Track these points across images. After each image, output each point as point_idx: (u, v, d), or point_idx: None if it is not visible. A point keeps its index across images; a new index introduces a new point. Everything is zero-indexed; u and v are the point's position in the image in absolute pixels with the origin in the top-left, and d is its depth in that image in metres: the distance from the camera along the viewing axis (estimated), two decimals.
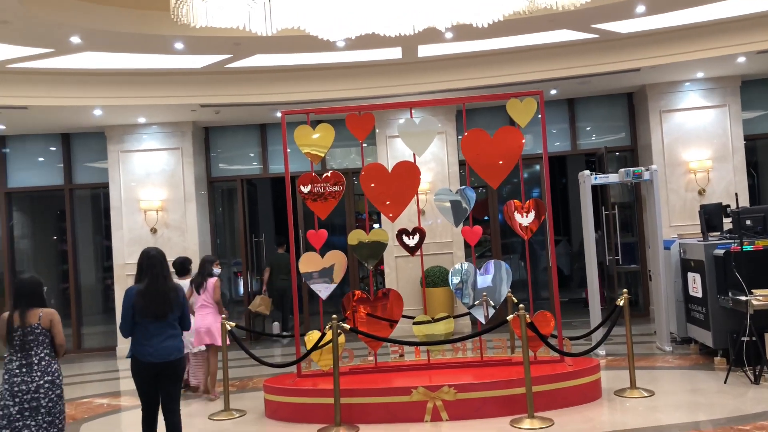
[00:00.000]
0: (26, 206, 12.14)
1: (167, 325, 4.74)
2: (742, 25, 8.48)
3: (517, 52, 9.17)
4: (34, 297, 4.68)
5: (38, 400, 4.46)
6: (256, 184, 13.49)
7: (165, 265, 4.85)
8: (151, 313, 4.67)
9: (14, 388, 4.45)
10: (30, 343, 4.52)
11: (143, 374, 4.74)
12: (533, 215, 6.56)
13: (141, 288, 4.72)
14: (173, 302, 4.75)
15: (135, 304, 4.69)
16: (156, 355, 4.68)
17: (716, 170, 10.09)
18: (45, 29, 6.85)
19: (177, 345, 4.79)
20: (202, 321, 7.05)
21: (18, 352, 4.51)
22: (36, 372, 4.49)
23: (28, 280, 4.80)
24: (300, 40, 7.68)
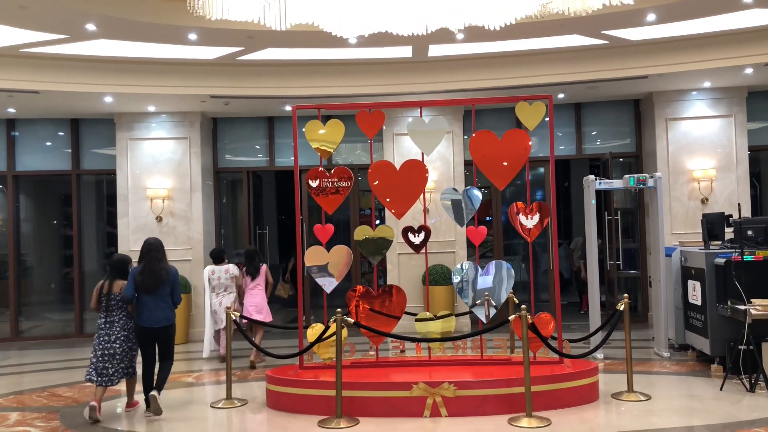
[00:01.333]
0: (31, 190, 12.22)
1: (159, 298, 6.04)
2: (751, 36, 8.55)
3: (527, 55, 9.24)
4: (120, 272, 6.19)
5: (114, 348, 6.02)
6: (262, 176, 13.57)
7: (161, 251, 6.23)
8: (146, 288, 6.00)
9: (100, 338, 6.05)
10: (113, 307, 6.06)
11: (141, 336, 6.09)
12: (537, 218, 6.64)
13: (139, 268, 6.08)
14: (165, 280, 6.07)
15: (135, 280, 6.00)
16: (149, 322, 6.03)
17: (720, 180, 10.17)
18: (62, 16, 6.91)
19: (167, 315, 6.10)
20: (252, 300, 8.51)
21: (105, 311, 6.07)
22: (115, 328, 6.05)
23: (117, 258, 6.41)
24: (312, 36, 7.74)
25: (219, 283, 8.78)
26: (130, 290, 6.00)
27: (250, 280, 8.65)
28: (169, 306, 6.12)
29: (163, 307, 6.06)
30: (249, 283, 8.65)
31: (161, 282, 6.04)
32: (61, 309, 12.32)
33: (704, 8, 7.35)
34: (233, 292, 8.77)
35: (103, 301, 6.07)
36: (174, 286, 6.14)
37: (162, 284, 6.04)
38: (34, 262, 12.44)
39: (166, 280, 6.07)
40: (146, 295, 6.00)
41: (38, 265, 12.55)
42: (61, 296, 12.59)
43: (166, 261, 6.21)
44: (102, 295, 6.09)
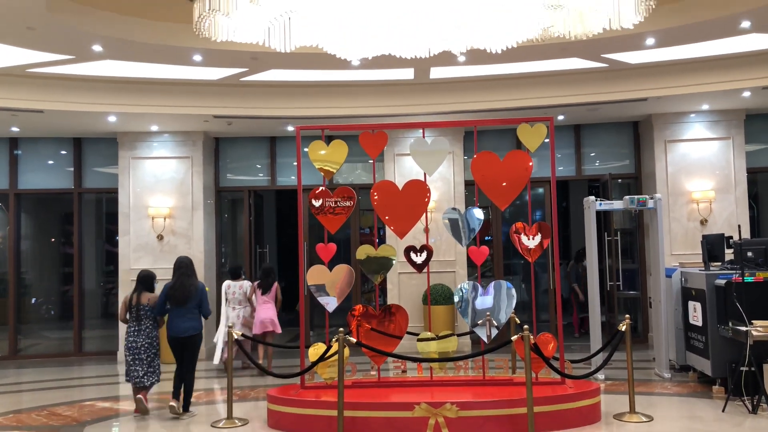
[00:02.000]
0: (31, 208, 12.25)
1: (187, 311, 6.78)
2: (749, 60, 8.67)
3: (528, 78, 9.35)
4: (146, 285, 6.98)
5: (140, 354, 6.79)
6: (263, 195, 13.62)
7: (191, 268, 7.00)
8: (176, 301, 6.77)
9: (129, 345, 6.83)
10: (141, 316, 6.83)
11: (171, 344, 6.80)
12: (539, 238, 6.68)
13: (171, 283, 6.87)
14: (193, 294, 6.81)
15: (167, 294, 6.81)
16: (177, 331, 6.75)
17: (718, 201, 10.23)
18: (69, 37, 7.00)
19: (193, 325, 6.80)
20: (265, 313, 9.16)
21: (135, 321, 6.83)
22: (141, 336, 6.82)
23: (144, 274, 7.11)
24: (315, 58, 7.83)
25: (234, 298, 9.40)
26: (162, 303, 6.81)
27: (261, 294, 9.31)
28: (196, 317, 6.86)
29: (191, 318, 6.81)
30: (260, 297, 9.29)
31: (190, 296, 6.79)
32: (60, 327, 12.30)
33: (702, 33, 7.46)
34: (247, 306, 9.40)
35: (133, 311, 6.85)
36: (201, 299, 6.88)
37: (190, 298, 6.80)
38: (33, 280, 12.44)
39: (194, 294, 6.82)
40: (176, 307, 6.79)
41: (37, 283, 12.54)
42: (60, 314, 12.57)
43: (195, 277, 6.97)
44: (131, 306, 6.87)
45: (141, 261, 10.77)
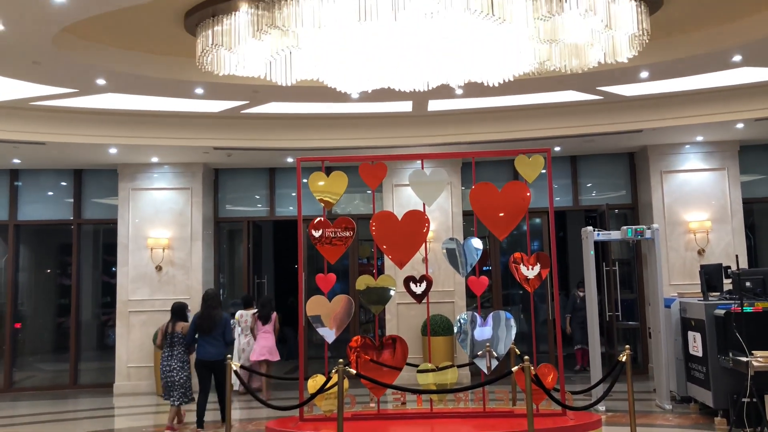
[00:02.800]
0: (30, 239, 12.26)
1: (213, 338, 7.55)
2: (741, 93, 8.80)
3: (524, 110, 9.47)
4: (180, 315, 7.84)
5: (173, 376, 7.61)
6: (261, 226, 13.66)
7: (217, 300, 7.85)
8: (203, 330, 7.55)
9: (163, 368, 7.67)
10: (174, 342, 7.67)
11: (199, 368, 7.50)
12: (538, 268, 6.70)
13: (199, 314, 7.69)
14: (218, 323, 7.59)
15: (196, 323, 7.61)
16: (206, 356, 7.53)
17: (715, 231, 10.29)
18: (73, 71, 7.11)
19: (219, 350, 7.56)
20: (265, 342, 9.48)
21: (168, 347, 7.68)
22: (174, 359, 7.64)
23: (178, 305, 8.00)
24: (315, 91, 7.95)
25: (246, 326, 9.93)
26: (192, 331, 7.59)
27: (261, 325, 9.68)
28: (221, 344, 7.63)
29: (216, 344, 7.59)
30: (261, 327, 9.66)
31: (216, 325, 7.57)
32: (55, 359, 12.21)
33: (695, 66, 7.60)
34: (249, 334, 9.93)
35: (167, 338, 7.68)
36: (225, 328, 7.67)
37: (216, 326, 7.58)
38: (29, 312, 12.37)
39: (219, 324, 7.60)
40: (204, 335, 7.55)
41: (33, 315, 12.47)
42: (55, 346, 12.48)
43: (220, 309, 7.81)
44: (166, 333, 7.71)
45: (139, 292, 10.77)
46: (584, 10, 5.31)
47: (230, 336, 7.83)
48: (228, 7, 5.77)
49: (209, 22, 5.99)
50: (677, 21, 6.75)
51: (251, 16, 5.70)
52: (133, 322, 10.74)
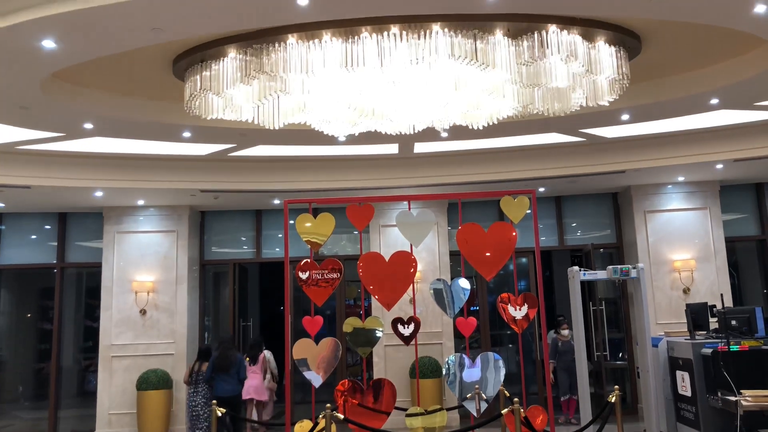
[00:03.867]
0: (11, 283, 12.09)
1: (229, 376, 8.48)
2: (719, 134, 9.01)
3: (509, 152, 9.60)
4: (206, 356, 8.70)
5: (198, 412, 8.48)
6: (247, 268, 13.58)
7: (231, 343, 8.93)
8: (221, 368, 8.47)
9: (189, 404, 8.62)
10: (199, 380, 8.54)
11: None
12: (526, 309, 6.71)
13: (216, 354, 8.57)
14: (233, 363, 8.53)
15: (214, 363, 8.49)
16: (223, 392, 8.35)
17: (700, 270, 10.39)
18: (61, 116, 7.13)
19: (234, 387, 8.54)
20: (250, 381, 9.41)
21: (194, 385, 8.56)
22: (199, 396, 8.53)
23: (205, 347, 8.98)
24: (302, 134, 8.03)
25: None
26: (210, 370, 8.48)
27: (250, 365, 9.58)
28: (236, 381, 8.54)
29: (232, 382, 8.50)
30: (249, 367, 9.56)
31: (231, 364, 8.49)
32: (34, 407, 11.91)
33: (674, 109, 7.78)
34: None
35: (193, 377, 8.54)
36: (240, 367, 8.59)
37: (231, 366, 8.49)
38: (7, 357, 12.11)
39: (234, 363, 8.53)
40: (221, 374, 8.44)
41: (12, 360, 12.21)
42: (34, 393, 12.19)
43: (235, 350, 8.75)
44: (192, 372, 8.57)
45: (122, 336, 10.60)
46: (565, 55, 5.46)
47: (243, 374, 8.66)
48: (217, 52, 5.87)
49: (198, 67, 6.08)
50: (656, 65, 6.95)
51: (239, 62, 5.80)
52: (116, 367, 10.54)
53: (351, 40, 5.39)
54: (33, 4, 4.83)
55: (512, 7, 5.10)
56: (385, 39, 5.36)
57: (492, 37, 5.44)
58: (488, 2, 4.93)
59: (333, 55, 5.38)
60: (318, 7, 4.93)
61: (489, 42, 5.43)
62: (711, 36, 6.19)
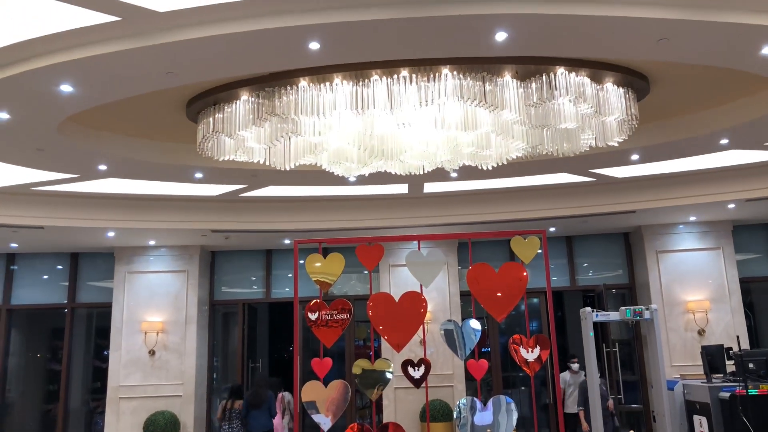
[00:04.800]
0: (22, 323, 12.09)
1: (261, 412, 8.83)
2: (731, 174, 8.98)
3: (518, 191, 9.62)
4: (238, 394, 9.02)
5: None
6: (257, 308, 13.54)
7: (265, 381, 9.12)
8: (254, 405, 8.80)
9: None
10: (233, 417, 8.82)
11: None
12: (538, 351, 6.61)
13: (250, 392, 8.92)
14: (265, 400, 8.85)
15: (248, 401, 8.83)
16: (256, 428, 8.74)
17: (714, 311, 10.24)
18: (76, 158, 7.24)
19: (266, 422, 8.83)
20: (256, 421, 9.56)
21: (227, 420, 8.81)
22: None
23: (237, 386, 9.29)
24: (313, 174, 8.09)
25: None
26: (245, 407, 8.83)
27: None
28: (268, 417, 8.87)
29: (264, 418, 8.84)
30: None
31: (263, 401, 8.86)
32: None
33: (684, 149, 7.79)
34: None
35: (226, 414, 8.83)
36: (270, 404, 8.91)
37: (264, 402, 8.85)
38: (15, 399, 12.03)
39: (266, 401, 8.89)
40: (253, 410, 8.81)
41: (20, 402, 12.12)
42: None
43: (266, 388, 9.00)
44: (226, 409, 8.85)
45: (131, 377, 10.54)
46: (574, 97, 5.51)
47: (274, 411, 9.05)
48: (229, 95, 5.97)
49: (210, 110, 6.18)
50: (665, 105, 6.98)
51: (252, 104, 5.90)
52: (123, 408, 10.44)
53: (361, 82, 5.48)
54: (52, 50, 4.96)
55: (520, 50, 5.17)
56: (395, 82, 5.44)
57: (500, 79, 5.51)
58: (496, 46, 5.01)
59: (344, 97, 5.45)
60: (329, 51, 5.03)
61: (497, 84, 5.50)
62: (719, 77, 6.24)
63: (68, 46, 4.90)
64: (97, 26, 4.67)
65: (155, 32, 4.74)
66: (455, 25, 4.67)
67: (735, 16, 4.74)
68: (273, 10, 4.60)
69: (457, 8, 4.52)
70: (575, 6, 4.60)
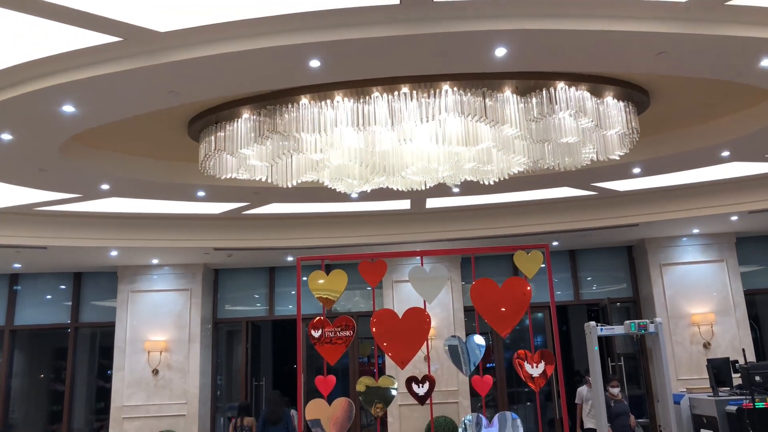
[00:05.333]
0: (25, 344, 12.07)
1: (278, 429, 8.68)
2: (733, 186, 8.98)
3: (521, 206, 9.61)
4: (247, 411, 9.22)
5: None
6: (260, 326, 13.49)
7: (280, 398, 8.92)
8: (271, 422, 8.66)
9: None
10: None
11: None
12: (543, 366, 6.57)
13: (266, 410, 8.75)
14: (281, 418, 8.73)
15: (264, 417, 8.67)
16: None
17: (720, 323, 10.18)
18: (78, 177, 7.26)
19: None
20: None
21: None
22: None
23: (245, 404, 9.43)
24: (315, 191, 8.10)
25: None
26: (261, 425, 8.70)
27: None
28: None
29: None
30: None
31: (280, 419, 8.78)
32: None
33: (685, 162, 7.79)
34: None
35: (237, 430, 8.97)
36: (288, 421, 8.86)
37: (281, 420, 8.77)
38: (19, 420, 11.96)
39: (283, 418, 8.81)
40: (271, 427, 8.73)
41: (23, 423, 12.05)
42: None
43: (282, 405, 8.93)
44: (236, 427, 8.98)
45: (135, 397, 10.49)
46: (574, 111, 5.53)
47: (293, 428, 9.13)
48: (231, 114, 6.00)
49: (212, 128, 6.20)
50: (665, 119, 7.00)
51: (253, 122, 5.92)
52: (127, 429, 10.38)
53: (362, 99, 5.51)
54: (54, 70, 4.99)
55: (520, 65, 5.19)
56: (395, 98, 5.47)
57: (501, 94, 5.53)
58: (496, 61, 5.03)
59: (345, 114, 5.48)
60: (329, 69, 5.05)
61: (498, 99, 5.51)
62: (719, 89, 6.25)
63: (70, 66, 4.93)
64: (99, 47, 4.71)
65: (157, 52, 4.77)
66: (455, 42, 4.70)
67: (733, 29, 4.76)
68: (273, 29, 4.63)
69: (457, 25, 4.55)
70: (574, 21, 4.62)
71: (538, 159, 6.23)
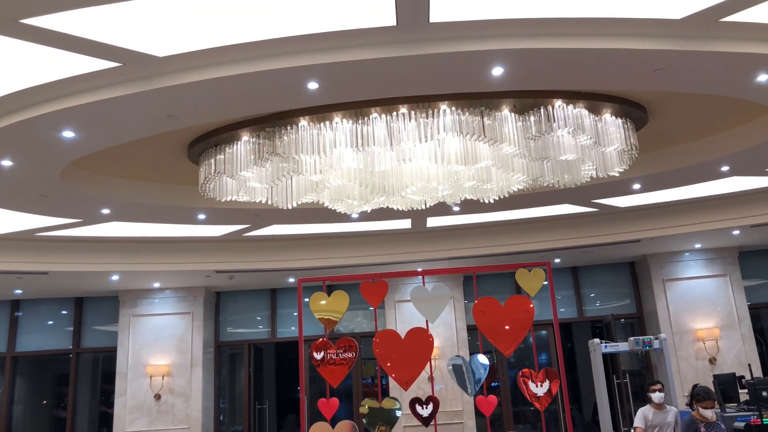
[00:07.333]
0: (27, 370, 11.99)
1: None
2: (734, 200, 8.97)
3: (521, 224, 9.61)
4: None
5: None
6: (263, 348, 13.42)
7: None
8: None
9: None
10: None
11: None
12: (547, 384, 6.50)
13: None
14: None
15: None
16: None
17: (725, 338, 10.11)
18: (79, 202, 7.27)
19: None
20: None
21: None
22: None
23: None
24: (316, 212, 8.10)
25: None
26: None
27: None
28: None
29: None
30: None
31: None
32: None
33: (685, 177, 7.79)
34: None
35: None
36: None
37: None
38: None
39: None
40: None
41: None
42: None
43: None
44: None
45: (137, 423, 10.40)
46: (572, 128, 5.54)
47: None
48: (230, 136, 6.02)
49: (212, 151, 6.22)
50: (664, 134, 7.01)
51: (253, 145, 5.94)
52: None
53: (361, 120, 5.53)
54: (53, 96, 5.02)
55: (517, 84, 5.21)
56: (394, 119, 5.49)
57: (499, 113, 5.55)
58: (494, 81, 5.05)
59: (344, 135, 5.50)
60: (328, 91, 5.08)
61: (496, 118, 5.53)
62: (716, 104, 6.27)
63: (69, 92, 4.96)
64: (98, 72, 4.74)
65: (155, 77, 4.80)
66: (452, 62, 4.72)
67: (728, 45, 4.79)
68: (271, 52, 4.66)
69: (453, 45, 4.58)
70: (570, 40, 4.65)
71: (537, 177, 6.23)
